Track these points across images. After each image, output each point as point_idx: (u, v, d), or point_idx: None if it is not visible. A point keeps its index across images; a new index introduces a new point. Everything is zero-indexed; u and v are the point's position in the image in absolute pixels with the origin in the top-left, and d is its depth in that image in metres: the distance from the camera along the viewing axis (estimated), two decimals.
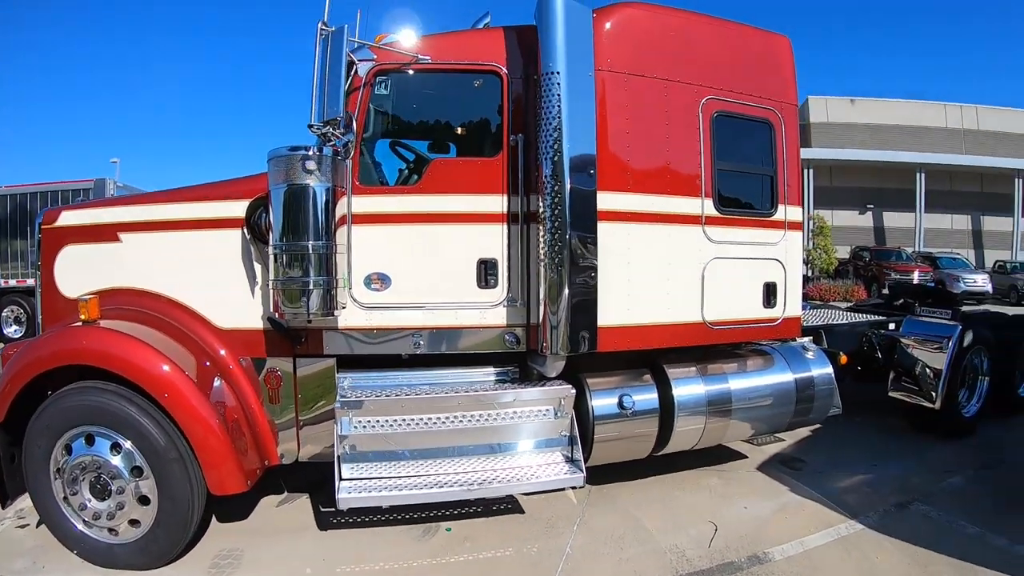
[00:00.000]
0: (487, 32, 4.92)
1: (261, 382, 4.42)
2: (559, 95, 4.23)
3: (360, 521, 4.63)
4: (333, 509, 4.24)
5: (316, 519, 4.73)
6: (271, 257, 3.99)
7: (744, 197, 5.37)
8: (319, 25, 3.98)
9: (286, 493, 5.13)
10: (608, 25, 4.60)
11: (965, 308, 7.93)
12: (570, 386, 4.61)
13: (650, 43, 4.79)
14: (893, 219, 34.96)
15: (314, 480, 5.08)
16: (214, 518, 4.55)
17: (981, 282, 24.98)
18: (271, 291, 4.06)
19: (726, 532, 4.61)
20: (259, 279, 4.39)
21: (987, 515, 4.96)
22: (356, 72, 4.33)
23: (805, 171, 31.13)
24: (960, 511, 5.03)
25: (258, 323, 4.40)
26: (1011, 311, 9.00)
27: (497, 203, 4.51)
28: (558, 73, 4.24)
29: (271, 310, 4.18)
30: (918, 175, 33.22)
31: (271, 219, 3.99)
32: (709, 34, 5.12)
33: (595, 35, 4.49)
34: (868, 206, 35.18)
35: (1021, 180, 34.10)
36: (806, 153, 30.88)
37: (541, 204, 4.30)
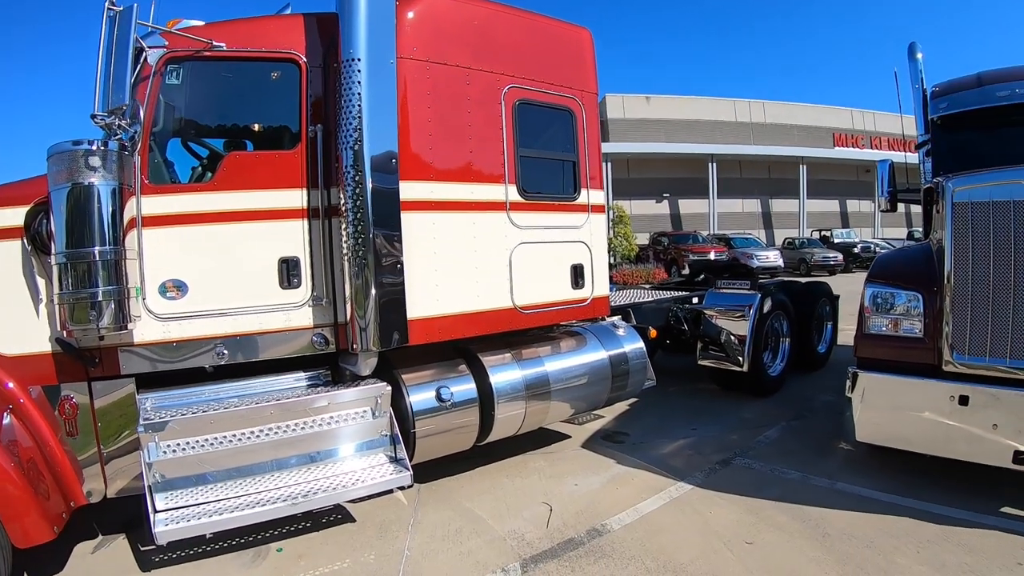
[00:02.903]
0: (285, 18, 4.68)
1: (56, 413, 3.86)
2: (360, 82, 4.13)
3: (185, 555, 4.19)
4: (154, 546, 3.88)
5: (137, 560, 4.19)
6: (54, 268, 3.55)
7: (548, 183, 5.52)
8: (106, 5, 3.58)
9: (100, 536, 4.50)
10: (411, 13, 4.55)
11: (762, 280, 8.74)
12: (385, 383, 4.52)
13: (453, 32, 4.79)
14: (688, 206, 38.10)
15: (130, 517, 4.51)
16: (26, 574, 3.96)
17: (773, 258, 27.56)
18: (57, 307, 3.60)
19: (562, 511, 4.70)
20: (44, 296, 3.84)
21: (805, 459, 5.48)
22: (146, 60, 3.94)
23: (604, 164, 32.88)
24: (779, 460, 5.52)
25: (47, 346, 3.85)
26: (804, 280, 10.07)
27: (297, 198, 4.32)
28: (359, 60, 4.14)
29: (59, 329, 3.69)
30: (710, 165, 36.56)
31: (52, 225, 3.55)
32: (512, 24, 5.21)
33: (398, 23, 4.42)
34: (664, 195, 38.06)
35: (804, 166, 38.76)
36: (605, 147, 32.38)
37: (343, 197, 4.16)
